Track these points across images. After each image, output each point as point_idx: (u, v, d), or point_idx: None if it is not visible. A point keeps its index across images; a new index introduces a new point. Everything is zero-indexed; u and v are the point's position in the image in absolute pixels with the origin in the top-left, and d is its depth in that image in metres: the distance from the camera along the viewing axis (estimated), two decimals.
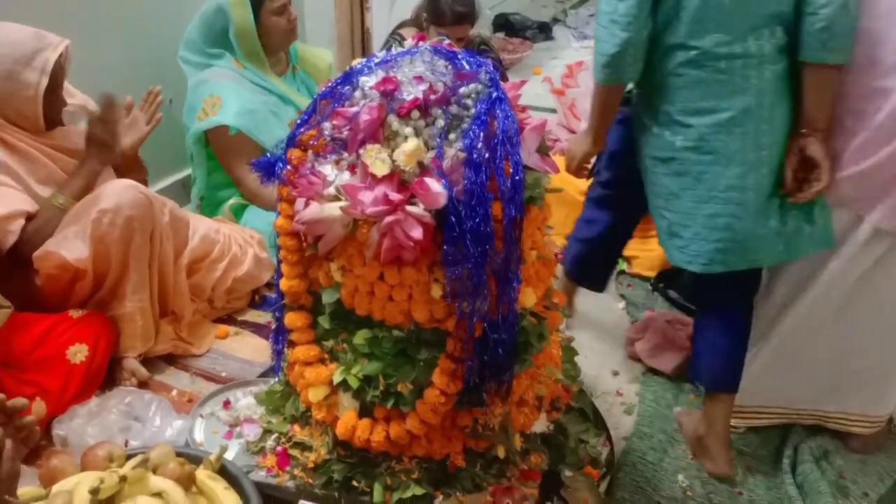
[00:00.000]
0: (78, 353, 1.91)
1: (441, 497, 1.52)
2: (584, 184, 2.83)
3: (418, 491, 1.50)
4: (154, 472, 1.46)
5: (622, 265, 2.77)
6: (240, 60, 2.62)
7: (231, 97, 2.54)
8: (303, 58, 2.88)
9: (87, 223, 1.94)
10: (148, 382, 2.08)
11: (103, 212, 1.94)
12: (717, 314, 1.85)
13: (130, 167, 2.25)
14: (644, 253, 2.72)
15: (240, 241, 2.40)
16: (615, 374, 2.23)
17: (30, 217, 1.96)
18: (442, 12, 3.00)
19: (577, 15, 5.62)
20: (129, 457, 1.50)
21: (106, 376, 2.03)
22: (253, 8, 2.56)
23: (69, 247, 1.94)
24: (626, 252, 2.77)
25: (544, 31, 5.14)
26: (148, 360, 2.13)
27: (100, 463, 1.47)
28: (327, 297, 1.46)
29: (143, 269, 2.05)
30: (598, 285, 2.30)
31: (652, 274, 2.67)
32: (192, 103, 2.61)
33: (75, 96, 2.15)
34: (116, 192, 1.98)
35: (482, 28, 4.50)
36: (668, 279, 2.64)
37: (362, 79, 1.37)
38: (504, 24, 5.04)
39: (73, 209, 1.98)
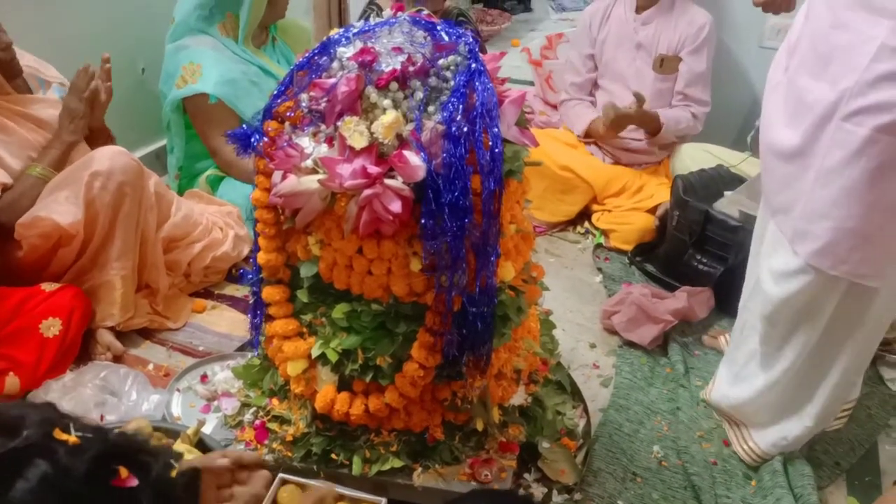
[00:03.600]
0: (51, 326, 1.89)
1: (420, 469, 1.53)
2: (562, 158, 2.85)
3: (397, 463, 1.51)
4: None
5: (599, 238, 2.78)
6: (229, 25, 2.57)
7: (211, 65, 2.50)
8: (282, 29, 2.85)
9: (79, 187, 1.93)
10: (123, 357, 2.06)
11: (95, 175, 1.93)
12: None
13: (96, 137, 2.22)
14: (622, 227, 2.73)
15: (221, 223, 2.39)
16: (592, 346, 2.24)
17: (5, 188, 1.93)
18: None
19: None
20: None
21: (81, 351, 2.01)
22: None
23: (61, 211, 1.92)
24: (603, 226, 2.79)
25: (523, 2, 5.08)
26: (124, 335, 2.11)
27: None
28: (305, 271, 1.45)
29: (129, 237, 2.05)
30: None
31: (629, 247, 2.68)
32: (170, 70, 2.56)
33: (24, 56, 2.11)
34: (108, 156, 1.97)
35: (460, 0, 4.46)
36: (645, 253, 2.66)
37: (340, 49, 1.35)
38: None
39: (60, 175, 1.96)
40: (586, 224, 2.88)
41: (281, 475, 1.50)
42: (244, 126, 1.43)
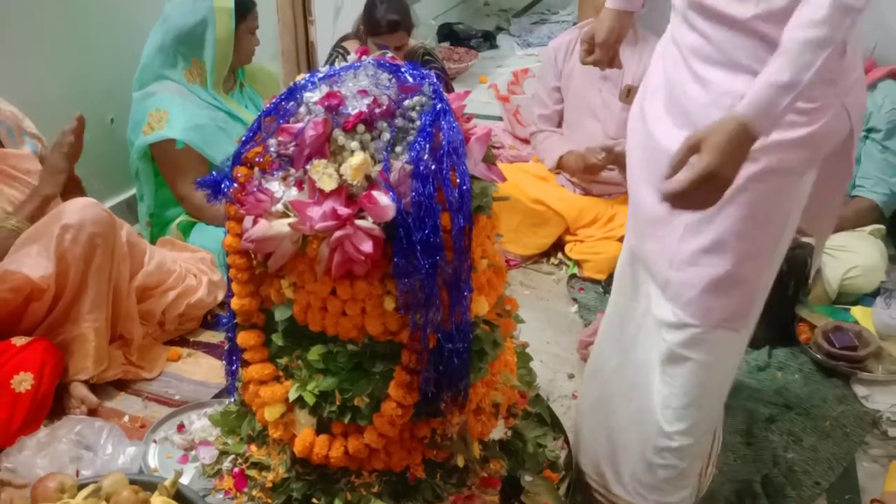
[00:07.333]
0: (23, 381, 1.87)
1: None
2: (534, 191, 2.88)
3: None
4: (107, 501, 1.43)
5: (573, 269, 2.80)
6: (195, 71, 2.59)
7: (178, 111, 2.51)
8: (250, 75, 2.88)
9: (49, 240, 1.92)
10: (98, 409, 2.04)
11: (66, 228, 1.93)
12: None
13: (69, 187, 2.22)
14: (595, 256, 2.76)
15: (195, 270, 2.38)
16: (570, 377, 2.25)
17: None
18: (376, 22, 3.04)
19: (521, 23, 5.69)
20: (81, 487, 1.47)
21: (54, 405, 1.98)
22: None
23: (32, 265, 1.91)
24: (576, 256, 2.81)
25: (489, 39, 5.19)
26: (98, 387, 2.09)
27: (51, 495, 1.44)
28: (280, 315, 1.45)
29: (101, 289, 2.03)
30: None
31: (603, 277, 2.71)
32: (137, 118, 2.58)
33: (3, 112, 2.13)
34: (79, 208, 1.97)
35: (426, 38, 4.54)
36: None
37: (306, 94, 1.36)
38: (448, 33, 5.08)
39: (30, 228, 1.96)
40: (560, 255, 2.91)
41: None
42: (213, 172, 1.44)
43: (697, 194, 1.23)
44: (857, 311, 2.41)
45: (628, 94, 2.85)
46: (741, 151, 1.22)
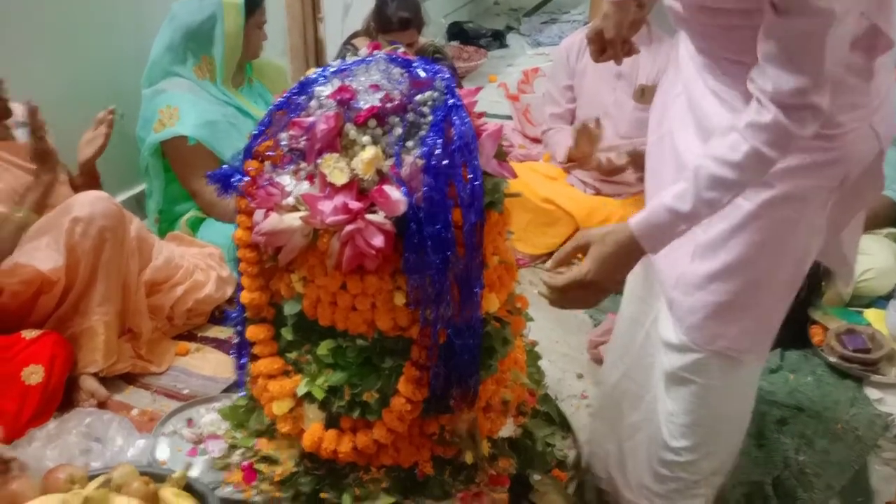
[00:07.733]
0: (33, 374, 1.87)
1: None
2: (544, 190, 2.87)
3: (387, 500, 1.49)
4: (118, 492, 1.43)
5: None
6: (205, 68, 2.60)
7: (189, 108, 2.52)
8: (258, 70, 2.88)
9: (59, 233, 1.93)
10: (107, 402, 2.03)
11: (76, 221, 1.94)
12: None
13: (87, 181, 2.23)
14: None
15: (203, 265, 2.38)
16: (579, 376, 2.24)
17: None
18: (387, 19, 3.05)
19: (531, 22, 5.67)
20: (90, 478, 1.47)
21: (64, 398, 1.98)
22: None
23: (42, 257, 1.92)
24: None
25: (498, 38, 5.18)
26: (107, 380, 2.09)
27: (61, 486, 1.45)
28: (289, 309, 1.45)
29: (111, 282, 2.04)
30: None
31: None
32: (147, 115, 2.58)
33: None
34: (89, 201, 1.98)
35: (436, 37, 4.53)
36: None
37: (318, 88, 1.36)
38: (458, 32, 5.07)
39: (40, 221, 1.97)
40: None
41: None
42: (225, 166, 1.44)
43: (575, 296, 1.26)
44: (871, 314, 2.39)
45: (643, 94, 2.84)
46: (627, 263, 1.26)
